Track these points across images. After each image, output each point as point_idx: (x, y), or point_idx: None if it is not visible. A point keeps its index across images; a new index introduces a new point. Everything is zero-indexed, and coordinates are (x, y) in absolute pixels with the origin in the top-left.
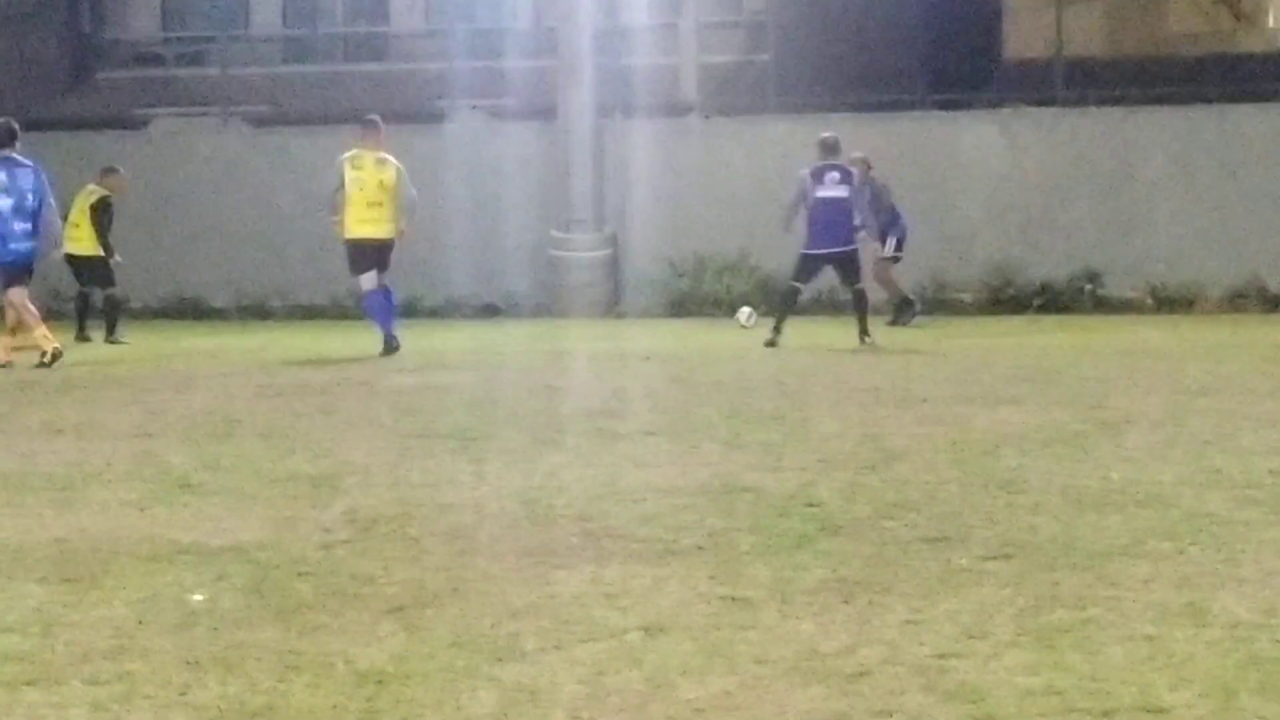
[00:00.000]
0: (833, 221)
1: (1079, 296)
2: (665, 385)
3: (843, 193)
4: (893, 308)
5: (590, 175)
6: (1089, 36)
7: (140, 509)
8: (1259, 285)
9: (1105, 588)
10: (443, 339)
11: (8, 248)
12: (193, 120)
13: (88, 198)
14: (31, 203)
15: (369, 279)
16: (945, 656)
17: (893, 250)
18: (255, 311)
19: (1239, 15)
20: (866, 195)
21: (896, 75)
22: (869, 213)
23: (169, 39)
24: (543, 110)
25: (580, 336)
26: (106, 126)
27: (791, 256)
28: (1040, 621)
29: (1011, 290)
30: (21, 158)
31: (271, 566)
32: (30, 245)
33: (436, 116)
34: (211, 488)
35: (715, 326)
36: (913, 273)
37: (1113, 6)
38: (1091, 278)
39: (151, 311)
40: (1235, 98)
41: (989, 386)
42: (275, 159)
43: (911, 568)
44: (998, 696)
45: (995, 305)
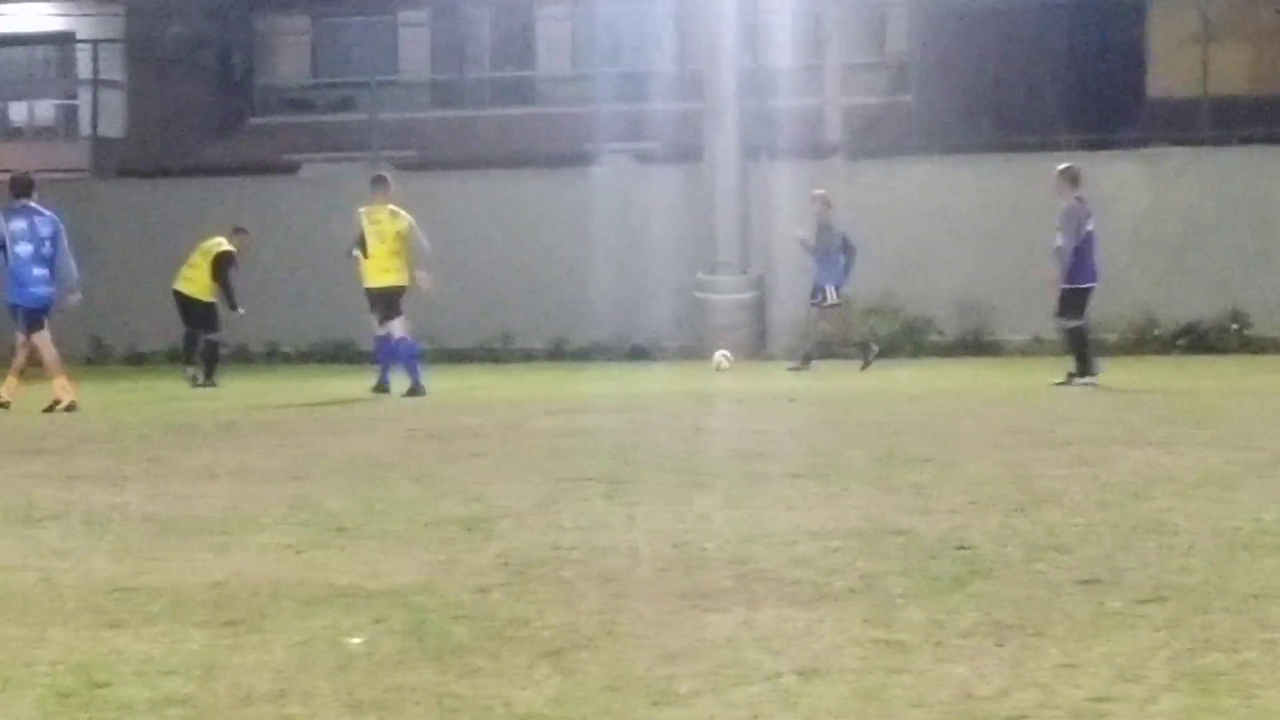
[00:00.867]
0: (1092, 255)
1: (1225, 336)
2: (813, 427)
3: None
4: (859, 348)
5: (735, 217)
6: (1233, 75)
7: (297, 552)
8: None
9: (1260, 630)
10: (590, 382)
11: (27, 292)
12: (342, 165)
13: (213, 247)
14: (49, 250)
15: (399, 324)
16: (1101, 700)
17: (833, 299)
18: None
19: None
20: (816, 234)
21: (1040, 115)
22: (820, 254)
23: (319, 85)
24: (688, 153)
25: (726, 378)
26: (257, 172)
27: (950, 295)
28: (1195, 665)
29: (1156, 330)
30: (41, 207)
31: (428, 610)
32: (47, 290)
33: (582, 160)
34: (366, 531)
35: (859, 369)
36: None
37: (1258, 44)
38: (1238, 317)
39: (301, 354)
40: None
41: (1136, 428)
42: (423, 203)
43: (1064, 610)
44: None
45: (1140, 345)
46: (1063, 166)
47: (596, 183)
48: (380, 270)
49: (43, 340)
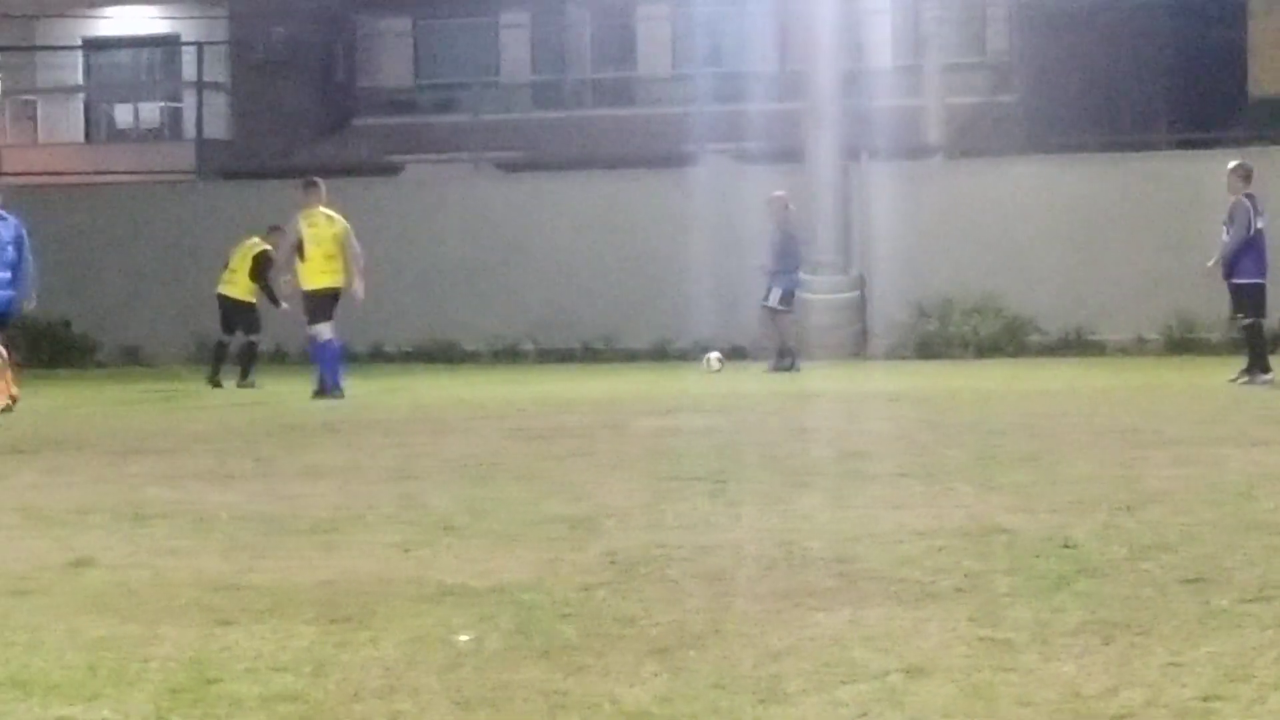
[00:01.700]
0: (1264, 252)
1: None
2: (915, 427)
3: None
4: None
5: (836, 218)
6: None
7: (404, 550)
8: None
9: None
10: (692, 381)
11: None
12: (444, 166)
13: (251, 249)
14: (12, 254)
15: (327, 328)
16: (1209, 699)
17: (776, 301)
18: (508, 354)
19: None
20: (777, 237)
21: (1141, 114)
22: (772, 255)
23: (421, 86)
24: (788, 153)
25: (828, 378)
26: (360, 173)
27: (1052, 295)
28: None
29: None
30: (4, 212)
31: (535, 608)
32: (9, 294)
33: (683, 160)
34: (473, 530)
35: (964, 369)
36: (1159, 314)
37: None
38: None
39: (404, 355)
40: None
41: (1241, 427)
42: (525, 203)
43: (1170, 609)
44: None
45: (1244, 345)
46: (1234, 164)
47: (697, 183)
48: (318, 273)
49: None
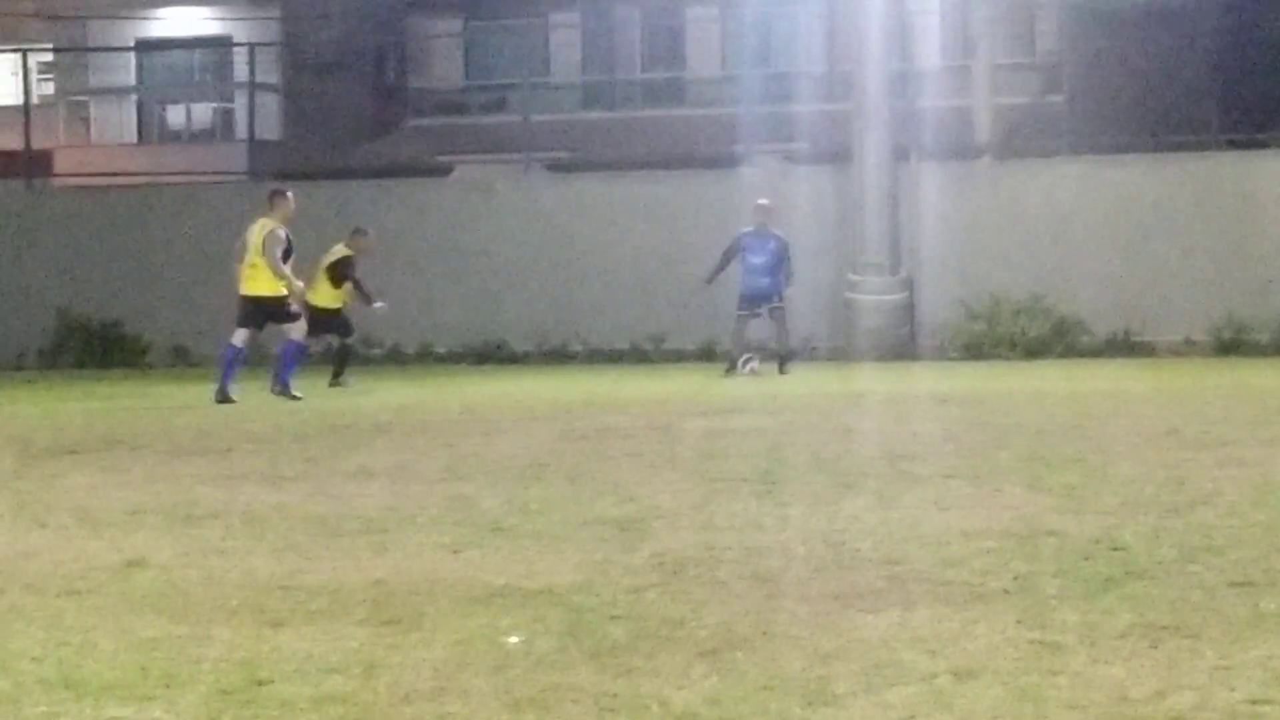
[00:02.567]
0: None
1: None
2: (963, 428)
3: None
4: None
5: (885, 218)
6: None
7: (454, 552)
8: None
9: None
10: (739, 382)
11: None
12: (495, 166)
13: (330, 257)
14: None
15: (297, 329)
16: (1258, 703)
17: (743, 307)
18: (557, 355)
19: None
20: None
21: (1191, 115)
22: (770, 263)
23: (471, 87)
24: (836, 153)
25: (876, 379)
26: (412, 173)
27: (1100, 295)
28: None
29: None
30: None
31: (584, 609)
32: None
33: (732, 161)
34: (522, 531)
35: (1012, 369)
36: (1208, 315)
37: None
38: None
39: (456, 356)
40: None
41: None
42: (575, 204)
43: (1219, 612)
44: None
45: None
46: None
47: (746, 184)
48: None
49: None
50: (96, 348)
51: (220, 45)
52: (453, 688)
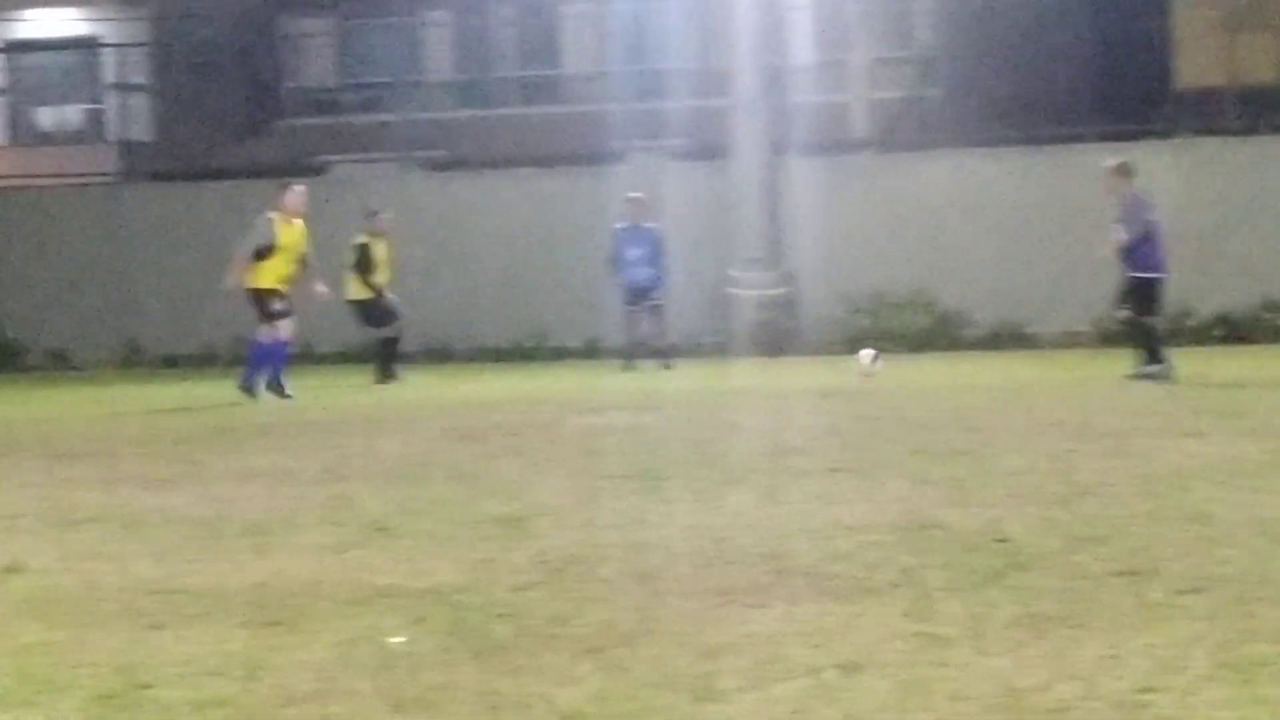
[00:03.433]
0: (1159, 246)
1: (1259, 326)
2: (848, 422)
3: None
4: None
5: (764, 213)
6: (1261, 64)
7: (337, 553)
8: None
9: None
10: (623, 380)
11: None
12: (370, 166)
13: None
14: None
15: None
16: (1144, 691)
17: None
18: (437, 354)
19: None
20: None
21: (1067, 107)
22: (649, 256)
23: (345, 86)
24: (714, 149)
25: (760, 375)
26: (286, 174)
27: (983, 288)
28: (1237, 655)
29: (1190, 321)
30: None
31: (468, 608)
32: None
33: (609, 158)
34: (406, 531)
35: (895, 363)
36: (1089, 306)
37: None
38: (1272, 307)
39: (336, 355)
40: None
41: (1174, 419)
42: (452, 203)
43: (1104, 602)
44: None
45: (1175, 336)
46: (1115, 162)
47: (624, 180)
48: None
49: None
50: None
51: (89, 46)
52: (335, 689)
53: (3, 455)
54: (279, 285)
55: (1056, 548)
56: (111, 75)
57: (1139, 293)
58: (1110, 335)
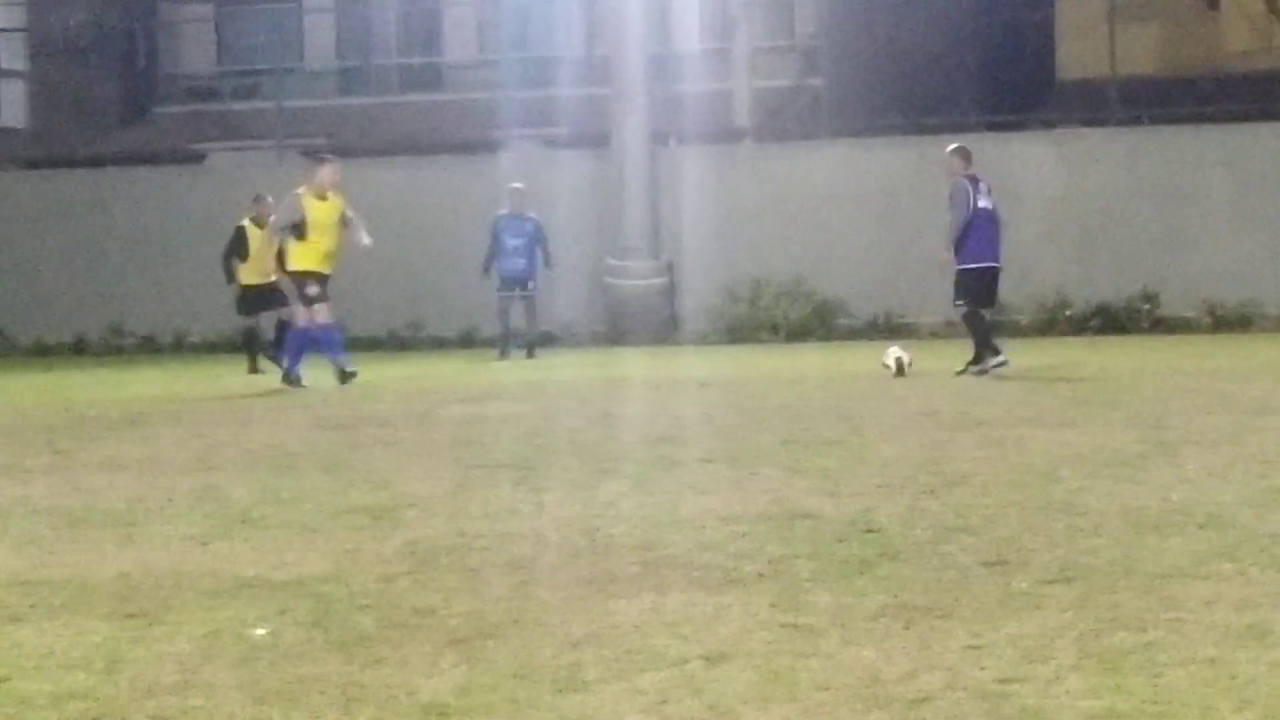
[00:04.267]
0: (994, 235)
1: (1136, 317)
2: (723, 412)
3: (992, 204)
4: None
5: (645, 202)
6: (1143, 55)
7: (202, 544)
8: None
9: (1167, 610)
10: (498, 369)
11: None
12: (249, 154)
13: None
14: None
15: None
16: (1007, 681)
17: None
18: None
19: None
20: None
21: (950, 97)
22: (525, 247)
23: (224, 73)
24: (596, 138)
25: (637, 364)
26: (163, 161)
27: (861, 278)
28: (1102, 645)
29: (1068, 311)
30: None
31: (333, 600)
32: None
33: (490, 146)
34: (272, 521)
35: (774, 352)
36: None
37: (1166, 25)
38: (1149, 298)
39: (211, 345)
40: None
41: (1047, 409)
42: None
43: (972, 592)
44: None
45: (1052, 326)
46: (953, 146)
47: (505, 169)
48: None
49: None
50: None
51: None
52: (197, 681)
53: None
54: (316, 267)
55: (926, 538)
56: None
57: (966, 284)
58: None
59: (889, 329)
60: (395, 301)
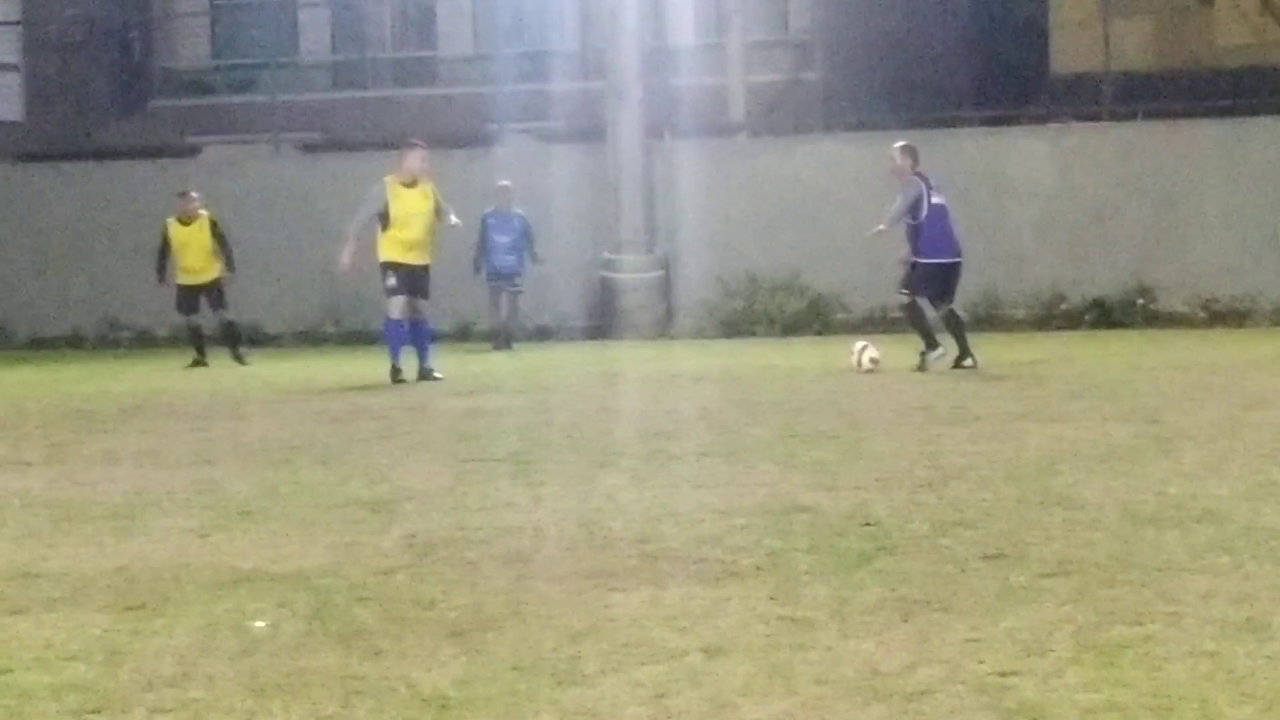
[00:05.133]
0: (951, 229)
1: (1131, 311)
2: (720, 406)
3: (945, 200)
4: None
5: (640, 197)
6: (1137, 50)
7: (201, 536)
8: None
9: (1164, 604)
10: (496, 362)
11: None
12: (244, 147)
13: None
14: None
15: (394, 305)
16: (1006, 674)
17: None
18: (309, 337)
19: None
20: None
21: (944, 92)
22: (510, 244)
23: (219, 67)
24: (591, 132)
25: (633, 358)
26: (158, 155)
27: (857, 273)
28: (1100, 638)
29: (1064, 306)
30: None
31: (332, 592)
32: None
33: (486, 140)
34: (271, 515)
35: (769, 346)
36: (963, 291)
37: (1160, 20)
38: (1143, 293)
39: (207, 340)
40: None
41: (1043, 403)
42: (326, 185)
43: (970, 586)
44: (1059, 714)
45: (1047, 321)
46: (901, 144)
47: (500, 163)
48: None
49: None
50: None
51: None
52: (197, 673)
53: None
54: (398, 258)
55: (923, 531)
56: None
57: (925, 278)
58: (984, 320)
59: (884, 323)
60: None
